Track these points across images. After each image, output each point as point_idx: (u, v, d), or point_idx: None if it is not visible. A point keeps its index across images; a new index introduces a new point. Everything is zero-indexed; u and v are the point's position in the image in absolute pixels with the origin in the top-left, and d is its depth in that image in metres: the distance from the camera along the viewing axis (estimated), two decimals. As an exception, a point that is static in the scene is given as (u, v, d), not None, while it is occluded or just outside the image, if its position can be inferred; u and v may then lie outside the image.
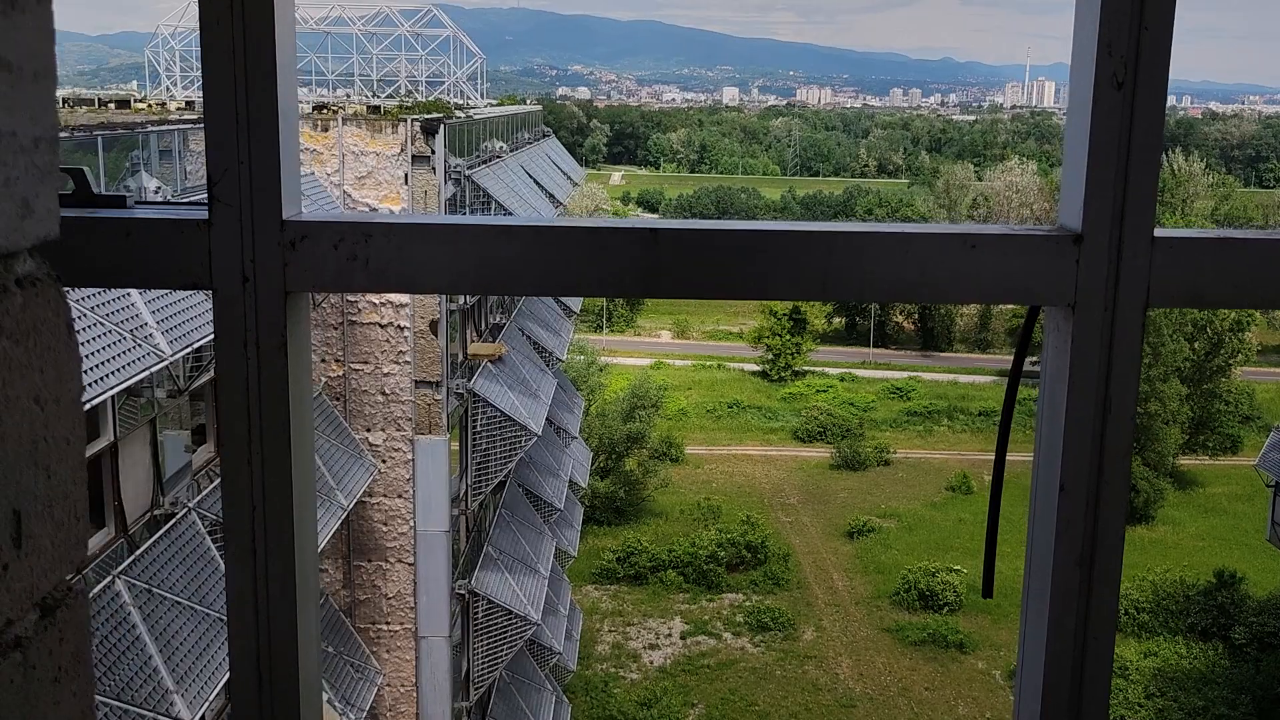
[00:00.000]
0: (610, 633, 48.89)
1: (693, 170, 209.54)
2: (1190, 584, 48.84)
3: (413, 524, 26.32)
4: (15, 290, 0.95)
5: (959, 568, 53.15)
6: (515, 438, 28.27)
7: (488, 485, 28.26)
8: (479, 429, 27.97)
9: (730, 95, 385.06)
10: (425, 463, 26.11)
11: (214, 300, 1.88)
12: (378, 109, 27.07)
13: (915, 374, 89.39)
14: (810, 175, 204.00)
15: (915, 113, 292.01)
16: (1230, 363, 69.53)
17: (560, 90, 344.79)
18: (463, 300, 27.71)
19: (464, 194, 27.84)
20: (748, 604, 51.69)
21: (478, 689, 28.63)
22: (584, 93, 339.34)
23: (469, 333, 29.83)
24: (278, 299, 1.88)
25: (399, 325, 25.52)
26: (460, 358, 28.41)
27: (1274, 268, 1.88)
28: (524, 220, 1.92)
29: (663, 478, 62.88)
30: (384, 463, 25.89)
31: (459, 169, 27.23)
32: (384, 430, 25.89)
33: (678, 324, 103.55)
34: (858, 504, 63.70)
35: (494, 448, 28.03)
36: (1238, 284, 1.90)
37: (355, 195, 25.49)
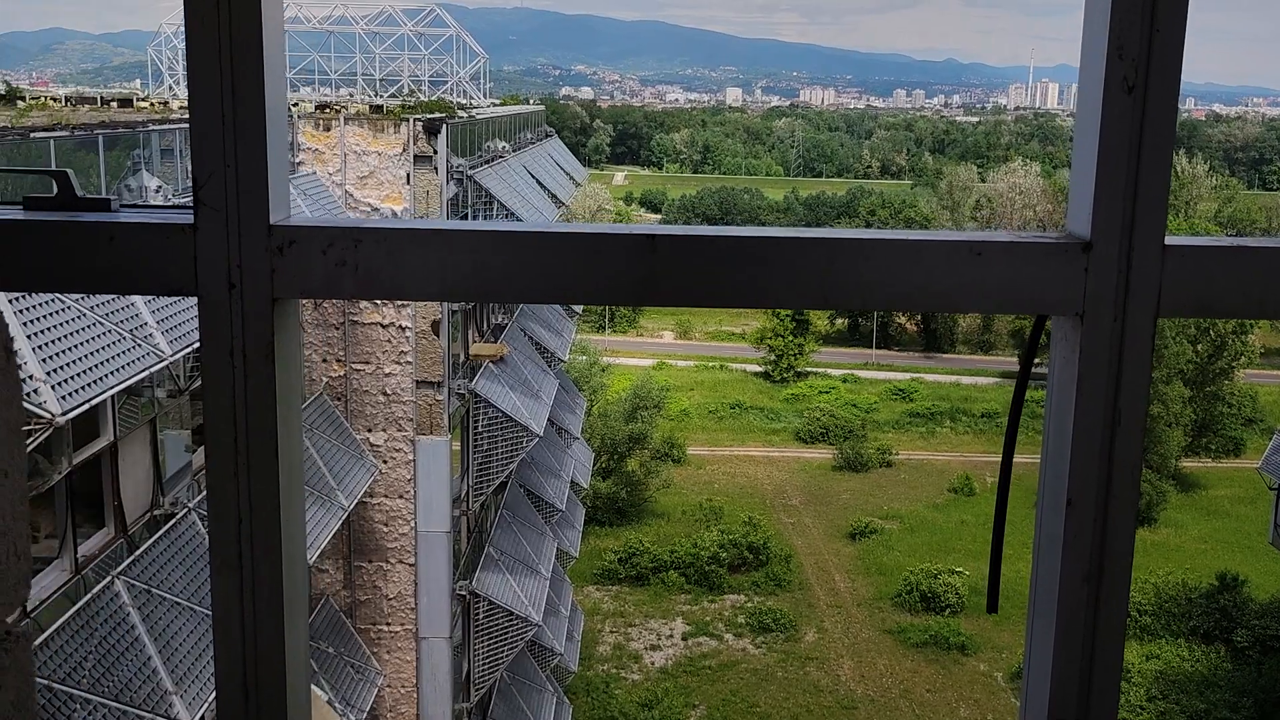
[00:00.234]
0: (611, 634, 48.84)
1: (696, 171, 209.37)
2: (1192, 586, 48.75)
3: (414, 524, 26.27)
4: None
5: (961, 569, 53.08)
6: (517, 438, 28.22)
7: (489, 486, 28.20)
8: (480, 429, 27.91)
9: (734, 96, 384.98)
10: (426, 463, 26.06)
11: (199, 307, 1.83)
12: (380, 108, 27.02)
13: (918, 375, 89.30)
14: (813, 176, 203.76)
15: (919, 114, 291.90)
16: (1233, 365, 69.46)
17: (563, 90, 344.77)
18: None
19: (466, 194, 27.79)
20: (749, 605, 51.62)
21: (478, 690, 28.58)
22: (587, 93, 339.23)
23: (471, 333, 29.78)
24: (265, 305, 1.83)
25: (400, 325, 25.47)
26: (462, 358, 28.36)
27: (1288, 277, 1.83)
28: (517, 226, 1.87)
29: (665, 478, 62.82)
30: (385, 463, 25.84)
31: (461, 169, 27.18)
32: (385, 430, 25.85)
33: (680, 325, 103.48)
34: (860, 505, 63.63)
35: (495, 448, 27.98)
36: (1250, 293, 1.85)
37: (357, 195, 25.44)
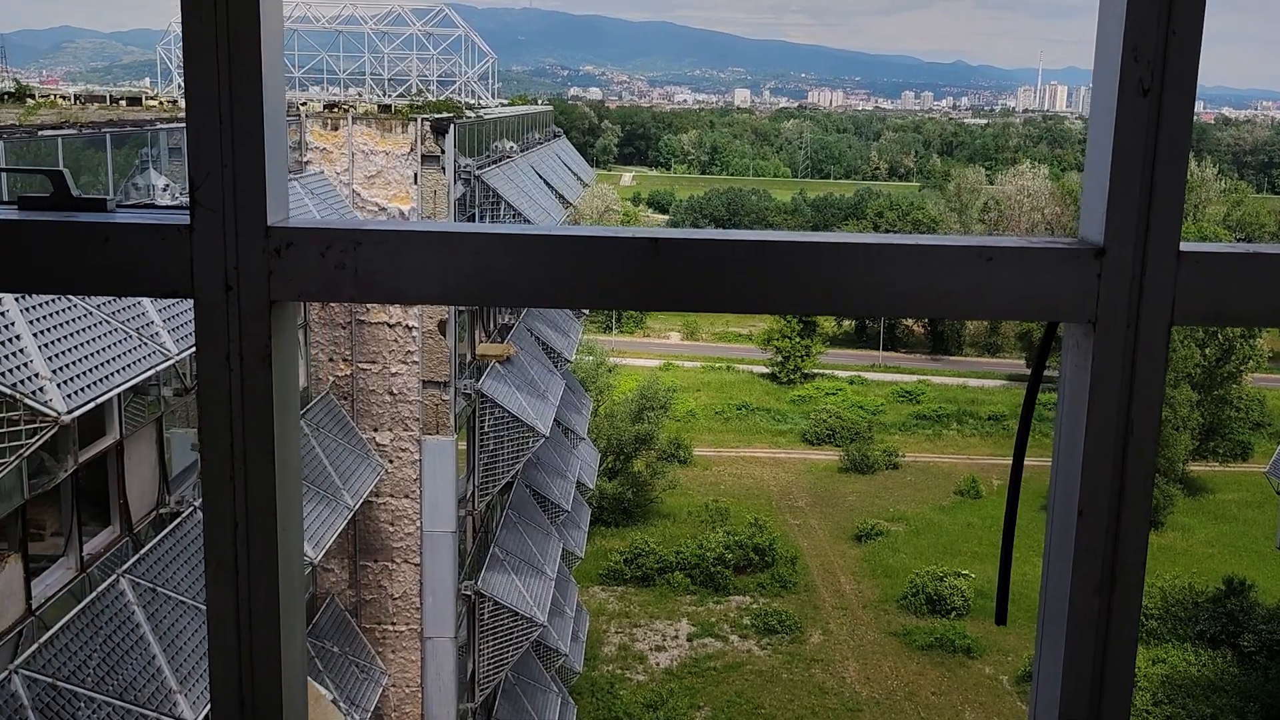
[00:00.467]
0: (617, 634, 48.80)
1: (704, 171, 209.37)
2: (1199, 591, 48.60)
3: (419, 524, 26.25)
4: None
5: (967, 572, 52.99)
6: (523, 438, 28.20)
7: (495, 486, 28.17)
8: (486, 429, 27.89)
9: (742, 97, 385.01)
10: (432, 463, 26.05)
11: (195, 309, 1.80)
12: (388, 108, 27.02)
13: (925, 377, 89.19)
14: (821, 177, 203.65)
15: (927, 116, 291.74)
16: (1241, 369, 69.24)
17: (572, 90, 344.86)
18: (471, 300, 27.60)
19: (474, 194, 27.77)
20: (755, 606, 51.56)
21: (483, 690, 28.55)
22: (595, 93, 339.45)
23: (477, 333, 29.77)
24: (262, 308, 1.80)
25: (407, 325, 25.47)
26: (468, 358, 28.35)
27: (1305, 284, 1.79)
28: (519, 229, 1.83)
29: (671, 479, 62.79)
30: (391, 463, 25.83)
31: (469, 169, 27.16)
32: (391, 430, 25.83)
33: (687, 326, 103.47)
34: (866, 507, 63.54)
35: (501, 448, 27.96)
36: (1266, 301, 1.80)
37: (364, 194, 25.43)
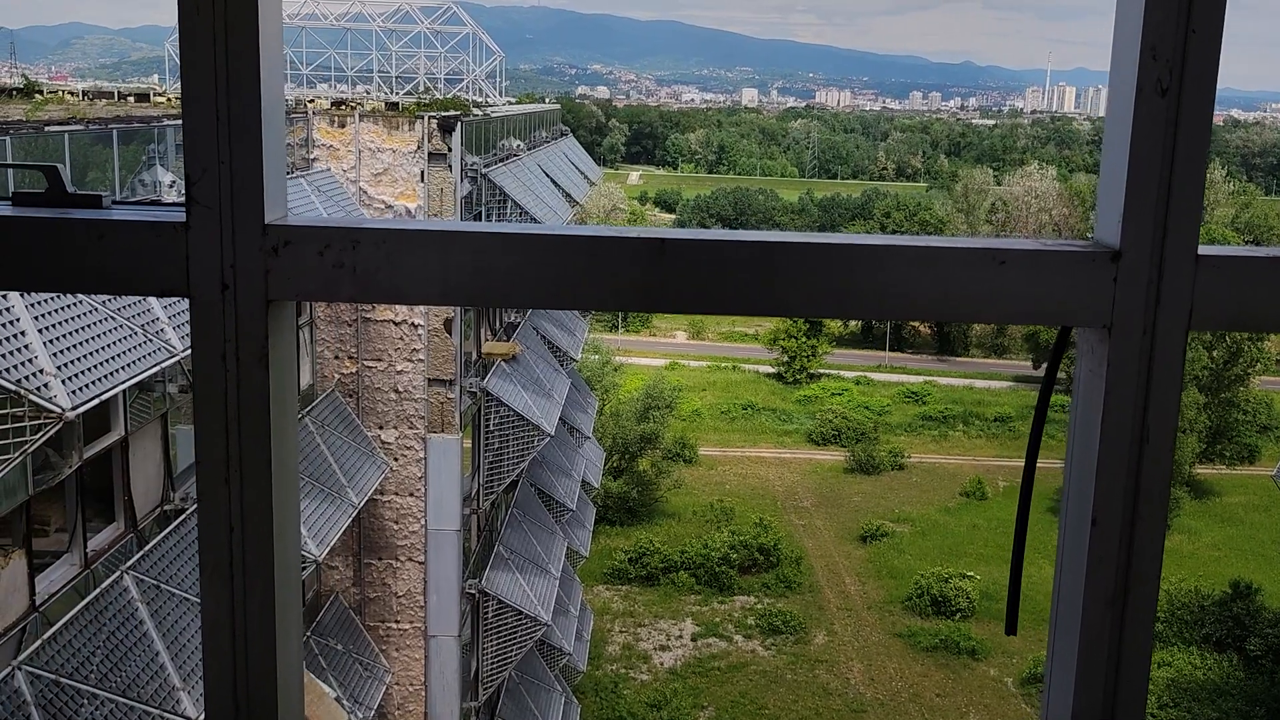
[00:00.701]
0: (621, 633, 48.77)
1: (711, 171, 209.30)
2: (1205, 594, 48.46)
3: (424, 522, 26.24)
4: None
5: (972, 574, 52.90)
6: (528, 437, 28.18)
7: (500, 484, 28.16)
8: (492, 428, 27.88)
9: (749, 96, 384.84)
10: (437, 461, 26.03)
11: (191, 308, 1.76)
12: (396, 106, 27.00)
13: (931, 378, 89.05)
14: (828, 177, 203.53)
15: (935, 116, 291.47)
16: (1249, 372, 69.00)
17: (579, 89, 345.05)
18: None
19: (480, 192, 27.75)
20: (759, 607, 51.51)
21: (487, 689, 28.54)
22: (603, 92, 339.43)
23: (483, 331, 29.75)
24: (259, 308, 1.76)
25: (413, 323, 25.45)
26: (474, 356, 28.32)
27: (1326, 289, 1.75)
28: (522, 228, 1.80)
29: (676, 479, 62.76)
30: (396, 460, 25.82)
31: (475, 167, 27.14)
32: (396, 428, 25.82)
33: (693, 325, 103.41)
34: (871, 508, 63.46)
35: (506, 447, 27.94)
36: (1287, 306, 1.76)
37: (371, 192, 25.42)
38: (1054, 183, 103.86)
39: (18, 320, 12.20)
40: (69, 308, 13.37)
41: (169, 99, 30.83)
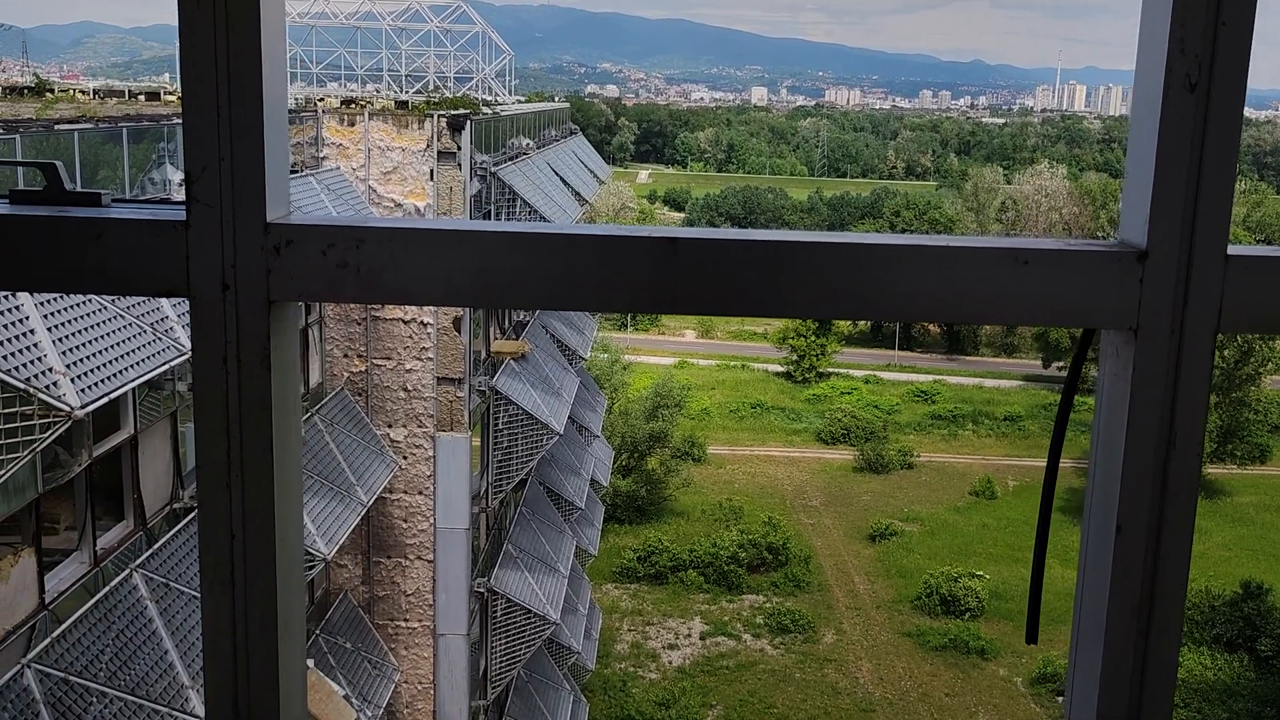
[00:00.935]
0: (629, 632, 48.75)
1: (720, 169, 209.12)
2: (1216, 595, 48.29)
3: (433, 521, 26.22)
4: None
5: (981, 573, 52.77)
6: (537, 436, 28.14)
7: (509, 483, 28.13)
8: (501, 426, 27.85)
9: (759, 95, 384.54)
10: (446, 460, 26.01)
11: (191, 309, 1.72)
12: (405, 104, 26.97)
13: (940, 377, 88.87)
14: (838, 176, 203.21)
15: (944, 115, 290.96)
16: (1260, 371, 68.67)
17: (589, 88, 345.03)
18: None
19: (490, 191, 27.72)
20: (768, 606, 51.45)
21: (495, 687, 28.53)
22: (612, 90, 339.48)
23: (492, 330, 29.72)
24: (260, 308, 1.72)
25: (422, 321, 25.43)
26: (483, 354, 28.30)
27: (1359, 290, 1.70)
28: (530, 227, 1.75)
29: (685, 477, 62.73)
30: (405, 459, 25.80)
31: (485, 165, 27.11)
32: (405, 426, 25.81)
33: (702, 324, 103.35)
34: (880, 507, 63.34)
35: (515, 446, 27.90)
36: (1318, 308, 1.71)
37: (381, 190, 25.40)
38: (1064, 181, 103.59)
39: (27, 319, 12.19)
40: (78, 306, 13.37)
41: (178, 97, 30.82)
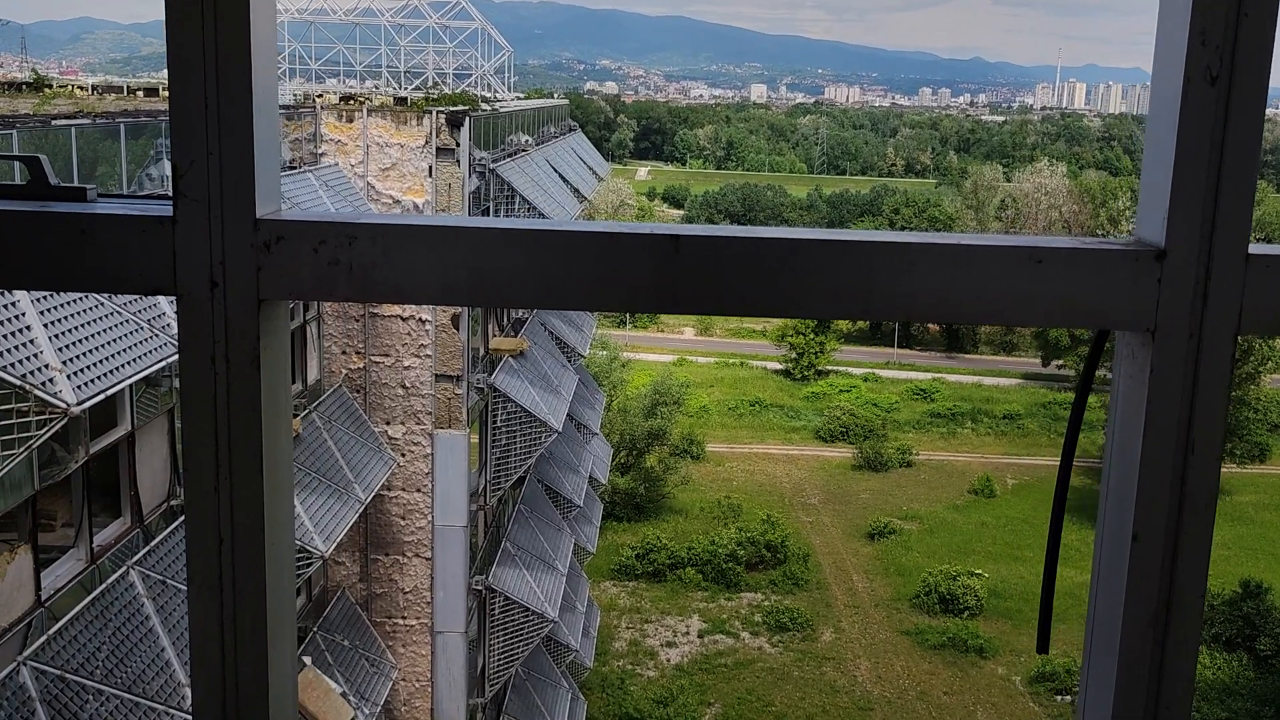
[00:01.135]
0: (628, 630, 48.70)
1: (719, 167, 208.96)
2: (1215, 594, 48.21)
3: (431, 518, 26.17)
4: None
5: (980, 572, 52.73)
6: (535, 433, 28.09)
7: (507, 481, 28.08)
8: (499, 424, 27.80)
9: (758, 92, 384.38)
10: (444, 457, 25.96)
11: (178, 307, 1.67)
12: (404, 101, 26.91)
13: (939, 375, 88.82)
14: (837, 174, 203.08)
15: (944, 112, 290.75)
16: (1259, 370, 68.63)
17: (588, 85, 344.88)
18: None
19: (488, 187, 27.66)
20: (766, 604, 51.41)
21: (493, 685, 28.49)
22: (611, 87, 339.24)
23: (490, 327, 29.66)
24: (250, 307, 1.66)
25: (420, 318, 25.37)
26: (481, 352, 28.25)
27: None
28: (527, 224, 1.69)
29: (683, 475, 62.68)
30: (403, 456, 25.75)
31: (484, 162, 27.05)
32: (403, 424, 25.75)
33: (701, 321, 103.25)
34: (879, 505, 63.30)
35: (514, 443, 27.85)
36: (1340, 308, 1.65)
37: (379, 187, 25.34)
38: (1064, 179, 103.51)
39: (23, 315, 12.13)
40: (75, 302, 13.31)
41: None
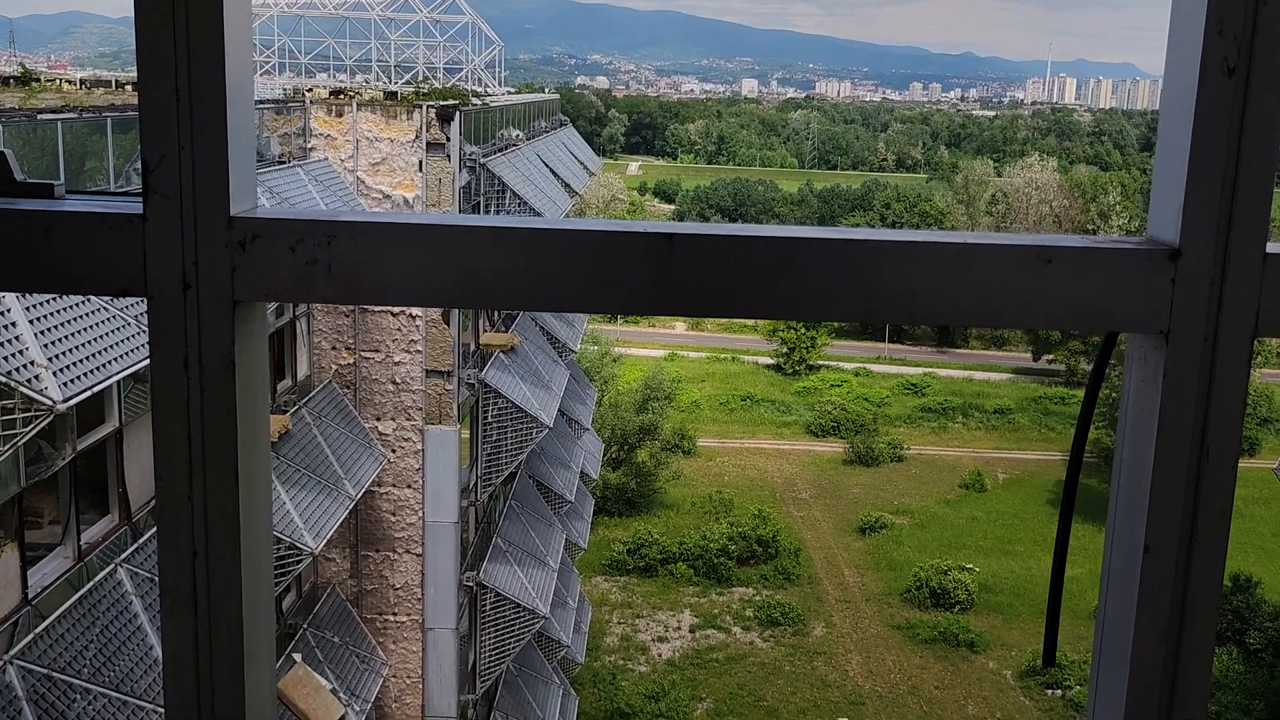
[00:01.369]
0: (619, 625, 48.67)
1: (710, 161, 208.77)
2: (1205, 587, 48.31)
3: (421, 514, 26.09)
4: None
5: (971, 566, 52.80)
6: (527, 429, 28.01)
7: (498, 476, 28.01)
8: (490, 420, 27.71)
9: (749, 87, 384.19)
10: (435, 453, 25.87)
11: (149, 309, 1.59)
12: (394, 95, 26.79)
13: (930, 370, 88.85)
14: (828, 168, 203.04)
15: (935, 107, 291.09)
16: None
17: (579, 79, 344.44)
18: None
19: (479, 182, 27.55)
20: (758, 598, 51.41)
21: (484, 681, 28.42)
22: (602, 82, 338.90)
23: (481, 322, 29.56)
24: (224, 309, 1.59)
25: (411, 314, 25.27)
26: (472, 347, 28.15)
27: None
28: (516, 222, 1.62)
29: (674, 470, 62.64)
30: (393, 452, 25.66)
31: (474, 156, 26.94)
32: (394, 419, 25.66)
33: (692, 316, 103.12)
34: (870, 500, 63.34)
35: (505, 439, 27.77)
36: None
37: (369, 181, 25.23)
38: (1054, 174, 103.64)
39: (9, 312, 12.03)
40: (61, 299, 13.20)
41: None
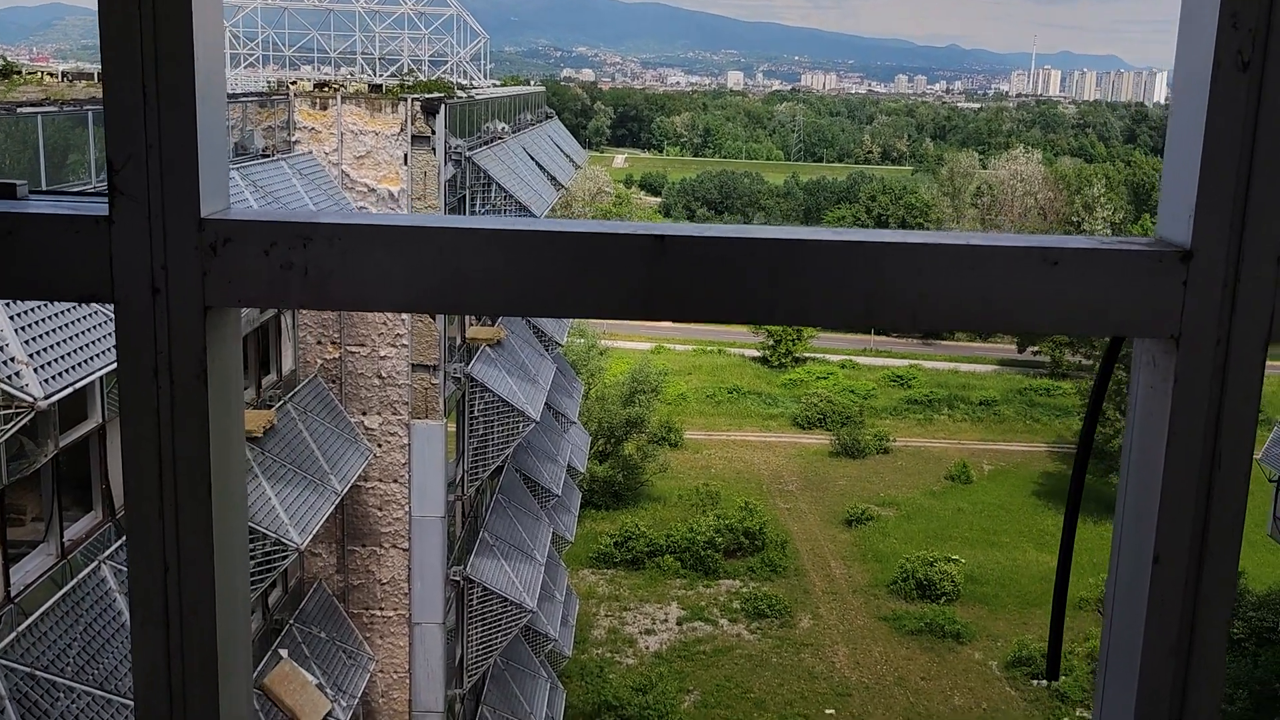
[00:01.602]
0: (606, 618, 48.66)
1: (696, 154, 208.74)
2: (1190, 578, 48.55)
3: (408, 509, 26.00)
4: None
5: (957, 557, 52.94)
6: (513, 423, 27.94)
7: (485, 470, 27.93)
8: (476, 414, 27.63)
9: (735, 79, 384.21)
10: (421, 447, 25.78)
11: (116, 315, 1.52)
12: (379, 88, 26.64)
13: (916, 362, 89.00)
14: (814, 161, 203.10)
15: (920, 99, 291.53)
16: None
17: (564, 72, 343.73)
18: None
19: (464, 175, 27.43)
20: (745, 590, 51.46)
21: (472, 676, 28.36)
22: (588, 75, 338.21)
23: (467, 316, 29.47)
24: (195, 315, 1.52)
25: (396, 307, 25.14)
26: (458, 341, 28.06)
27: None
28: (502, 223, 1.55)
29: (661, 463, 62.66)
30: (379, 447, 25.56)
31: (460, 150, 26.82)
32: (380, 414, 25.55)
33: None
34: (856, 492, 63.45)
35: (491, 433, 27.70)
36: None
37: (354, 175, 25.10)
38: (1039, 166, 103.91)
39: (-12, 306, 11.90)
40: (42, 293, 13.07)
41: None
